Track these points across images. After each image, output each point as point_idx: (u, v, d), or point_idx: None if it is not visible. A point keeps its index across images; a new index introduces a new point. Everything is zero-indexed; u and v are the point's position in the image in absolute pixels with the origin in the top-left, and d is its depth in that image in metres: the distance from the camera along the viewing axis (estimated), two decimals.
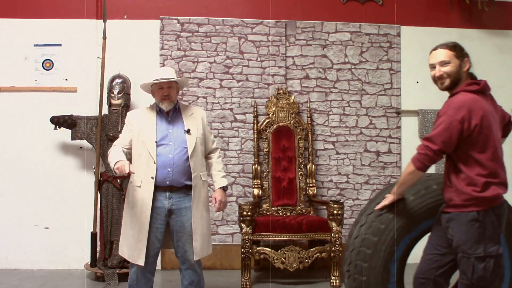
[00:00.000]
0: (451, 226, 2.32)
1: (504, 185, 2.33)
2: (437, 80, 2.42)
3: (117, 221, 4.00)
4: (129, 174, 2.71)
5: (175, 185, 2.89)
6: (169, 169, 2.86)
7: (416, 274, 2.46)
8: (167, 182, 2.87)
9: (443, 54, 2.42)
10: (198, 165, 2.95)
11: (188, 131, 2.94)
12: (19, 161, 4.33)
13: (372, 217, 2.52)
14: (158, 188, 2.88)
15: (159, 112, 2.99)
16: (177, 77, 3.06)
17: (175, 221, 2.91)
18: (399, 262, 2.50)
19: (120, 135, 3.07)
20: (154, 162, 2.85)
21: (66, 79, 4.38)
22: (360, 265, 2.48)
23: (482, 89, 2.38)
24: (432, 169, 4.56)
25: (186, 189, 2.91)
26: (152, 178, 2.85)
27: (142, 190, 2.87)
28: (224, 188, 3.04)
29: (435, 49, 2.48)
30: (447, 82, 2.38)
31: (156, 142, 2.88)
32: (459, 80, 2.38)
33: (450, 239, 2.32)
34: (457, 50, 2.42)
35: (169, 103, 2.96)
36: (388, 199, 2.48)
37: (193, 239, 2.88)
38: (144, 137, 2.90)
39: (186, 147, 2.91)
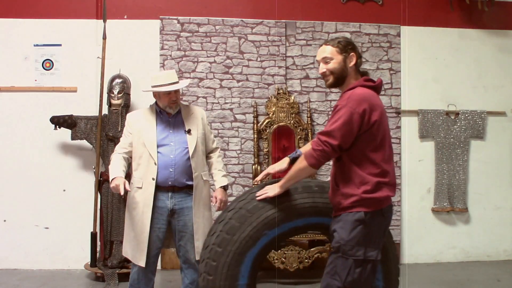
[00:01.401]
0: (337, 227, 2.21)
1: (394, 187, 2.24)
2: (323, 77, 2.33)
3: (117, 221, 4.01)
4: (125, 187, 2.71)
5: (177, 185, 2.89)
6: (170, 170, 2.86)
7: None
8: (169, 183, 2.88)
9: (326, 51, 2.27)
10: (199, 165, 2.95)
11: (188, 131, 2.94)
12: (19, 161, 4.33)
13: (230, 214, 2.38)
14: (160, 188, 2.88)
15: (159, 113, 2.99)
16: (178, 78, 3.06)
17: (177, 221, 2.92)
18: (256, 262, 2.36)
19: (121, 139, 3.06)
20: (155, 163, 2.85)
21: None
22: (210, 263, 2.34)
23: (378, 87, 2.28)
24: (430, 163, 4.53)
25: (188, 189, 2.92)
26: (153, 179, 2.85)
27: (143, 191, 2.87)
28: (224, 188, 3.04)
29: (321, 45, 2.33)
30: (330, 79, 2.27)
31: (157, 143, 2.88)
32: (344, 76, 2.26)
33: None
34: (341, 45, 2.25)
35: (176, 106, 2.97)
36: (273, 191, 2.32)
37: (194, 238, 2.88)
38: (144, 138, 2.90)
39: (187, 147, 2.91)
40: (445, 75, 4.69)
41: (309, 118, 4.43)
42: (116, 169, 2.82)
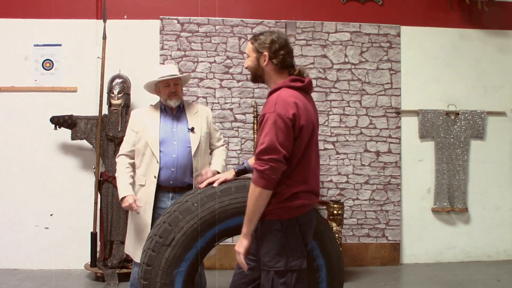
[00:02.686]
0: (256, 236, 2.12)
1: (313, 193, 2.15)
2: None
3: (117, 221, 4.01)
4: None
5: (178, 185, 2.88)
6: (172, 169, 2.86)
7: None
8: (170, 182, 2.87)
9: (247, 47, 2.22)
10: (201, 164, 2.94)
11: (192, 129, 2.92)
12: (19, 161, 4.33)
13: (165, 218, 2.35)
14: (161, 188, 2.87)
15: (163, 110, 2.97)
16: (180, 74, 3.06)
17: None
18: (189, 270, 2.32)
19: (124, 138, 3.04)
20: (157, 162, 2.84)
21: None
22: (144, 268, 2.31)
23: (306, 87, 2.16)
24: (431, 161, 4.54)
25: (189, 189, 2.88)
26: (155, 177, 2.84)
27: (145, 189, 2.87)
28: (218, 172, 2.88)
29: None
30: (251, 75, 2.24)
31: (159, 141, 2.87)
32: (260, 75, 2.19)
33: (254, 252, 2.15)
34: (256, 43, 2.16)
35: (177, 99, 2.94)
36: (243, 247, 2.08)
37: None
38: (147, 136, 2.89)
39: (190, 146, 2.90)
40: (445, 75, 4.69)
41: None
42: (123, 186, 2.82)
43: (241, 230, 2.10)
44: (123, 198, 2.80)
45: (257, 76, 2.21)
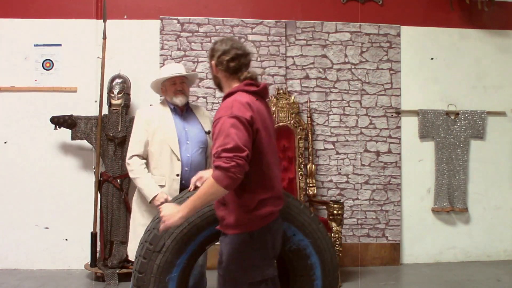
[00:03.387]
0: (222, 247, 2.08)
1: (279, 198, 2.12)
2: None
3: (117, 221, 4.01)
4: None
5: (188, 185, 2.82)
6: (186, 168, 2.83)
7: None
8: (183, 182, 2.83)
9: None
10: (208, 165, 2.94)
11: (208, 132, 2.92)
12: (19, 161, 4.33)
13: (154, 224, 2.34)
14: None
15: (173, 110, 2.96)
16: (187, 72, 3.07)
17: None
18: (181, 275, 2.31)
19: (133, 139, 2.97)
20: (179, 159, 2.81)
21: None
22: (136, 275, 2.31)
23: (261, 92, 2.15)
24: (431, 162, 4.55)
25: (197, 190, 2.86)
26: (178, 175, 2.81)
27: (167, 189, 2.81)
28: None
29: None
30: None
31: (178, 139, 2.84)
32: (218, 83, 2.23)
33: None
34: (210, 52, 2.24)
35: (184, 97, 2.93)
36: (172, 220, 1.99)
37: None
38: (165, 135, 2.85)
39: (203, 146, 2.90)
40: (445, 75, 4.69)
41: (309, 118, 4.43)
42: (149, 186, 2.80)
43: (180, 208, 1.99)
44: (154, 197, 2.75)
45: (217, 84, 2.26)
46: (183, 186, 2.83)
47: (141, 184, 2.84)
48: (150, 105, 3.11)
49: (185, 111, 2.98)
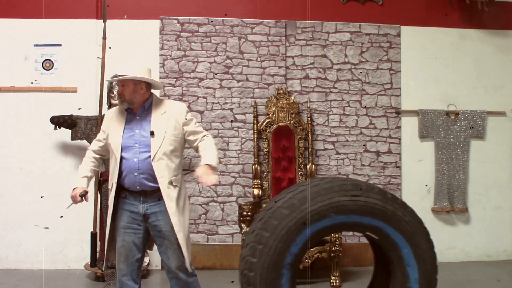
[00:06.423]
0: None
1: None
2: None
3: None
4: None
5: (147, 189, 2.72)
6: (135, 174, 2.69)
7: None
8: (137, 187, 2.71)
9: None
10: (165, 169, 2.69)
11: (152, 133, 2.71)
12: (19, 161, 4.33)
13: (269, 213, 2.38)
14: (132, 192, 2.75)
15: (129, 112, 2.80)
16: (151, 75, 2.84)
17: (152, 226, 2.75)
18: (293, 263, 2.36)
19: (97, 135, 2.95)
20: (119, 166, 2.72)
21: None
22: (250, 260, 2.33)
23: None
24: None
25: (160, 193, 2.70)
26: (116, 182, 2.74)
27: (111, 193, 2.77)
28: (210, 166, 2.66)
29: None
30: None
31: (122, 145, 2.72)
32: None
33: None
34: None
35: (122, 102, 2.75)
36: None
37: (182, 250, 2.70)
38: (112, 141, 2.77)
39: (148, 151, 2.70)
40: (445, 75, 4.69)
41: (309, 118, 4.43)
42: (77, 177, 2.81)
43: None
44: (74, 189, 2.74)
45: None
46: (141, 191, 2.71)
47: (77, 172, 2.87)
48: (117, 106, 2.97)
49: (140, 112, 2.78)
